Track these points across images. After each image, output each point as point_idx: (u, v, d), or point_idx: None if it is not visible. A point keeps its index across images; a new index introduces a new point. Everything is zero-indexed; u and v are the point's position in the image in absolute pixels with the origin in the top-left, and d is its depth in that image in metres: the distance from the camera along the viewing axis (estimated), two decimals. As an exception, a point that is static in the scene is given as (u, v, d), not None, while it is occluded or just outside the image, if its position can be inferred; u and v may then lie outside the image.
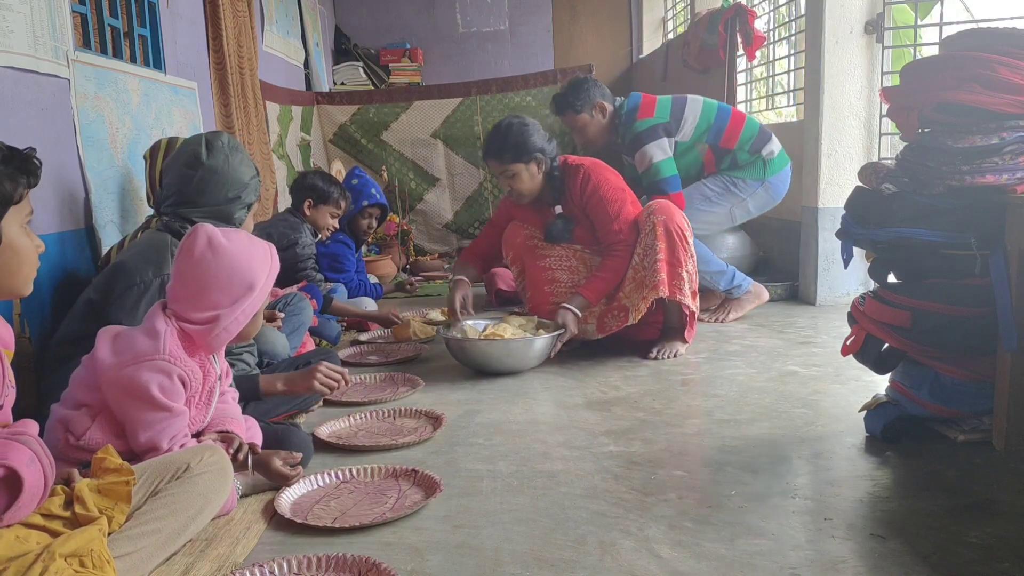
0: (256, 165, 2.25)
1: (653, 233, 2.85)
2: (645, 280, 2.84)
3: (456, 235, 5.95)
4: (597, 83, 3.65)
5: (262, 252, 1.73)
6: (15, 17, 2.06)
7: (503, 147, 2.91)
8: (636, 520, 1.62)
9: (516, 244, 3.09)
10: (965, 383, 1.94)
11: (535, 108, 5.86)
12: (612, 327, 2.91)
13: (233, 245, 1.68)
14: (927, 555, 1.44)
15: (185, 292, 1.66)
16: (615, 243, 2.93)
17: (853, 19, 3.59)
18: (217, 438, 1.71)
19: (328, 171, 5.56)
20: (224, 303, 1.66)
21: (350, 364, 2.97)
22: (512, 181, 2.95)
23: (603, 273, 2.91)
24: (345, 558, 1.45)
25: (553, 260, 3.03)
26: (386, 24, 6.96)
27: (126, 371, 1.58)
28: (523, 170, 2.92)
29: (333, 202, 3.51)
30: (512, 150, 2.90)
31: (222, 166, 2.10)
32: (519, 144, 2.90)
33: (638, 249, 2.89)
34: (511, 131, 2.92)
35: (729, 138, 3.51)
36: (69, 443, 1.59)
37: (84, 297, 2.00)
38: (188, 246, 1.67)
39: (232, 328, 1.67)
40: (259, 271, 1.70)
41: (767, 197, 3.58)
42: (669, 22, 6.57)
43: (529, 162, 2.92)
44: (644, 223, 2.90)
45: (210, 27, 3.57)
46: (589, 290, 2.89)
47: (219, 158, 2.10)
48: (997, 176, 1.81)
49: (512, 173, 2.93)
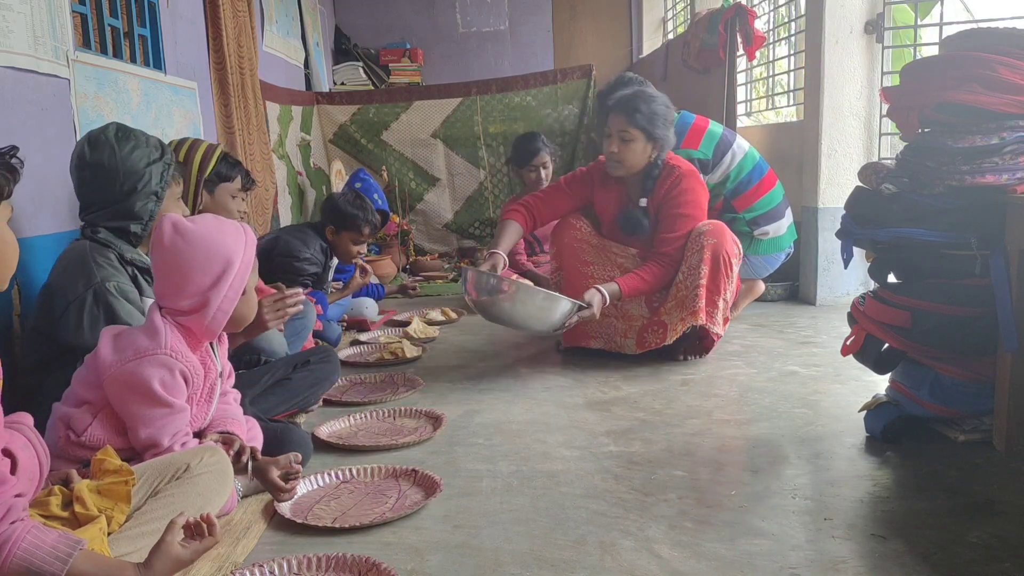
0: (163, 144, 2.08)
1: (700, 255, 2.75)
2: (686, 302, 2.76)
3: (456, 235, 5.95)
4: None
5: (232, 228, 1.71)
6: (15, 17, 2.06)
7: (637, 109, 2.76)
8: (636, 520, 1.62)
9: (564, 243, 2.96)
10: (965, 383, 1.94)
11: (535, 108, 5.87)
12: (651, 343, 2.83)
13: (200, 226, 1.67)
14: (927, 555, 1.44)
15: (167, 284, 1.66)
16: (665, 254, 2.83)
17: (853, 19, 3.59)
18: (218, 439, 1.71)
19: (328, 171, 5.58)
20: (206, 284, 1.64)
21: (350, 364, 2.97)
22: (625, 146, 2.78)
23: (643, 274, 2.81)
24: (345, 558, 1.45)
25: (595, 268, 2.92)
26: (386, 24, 6.95)
27: (128, 366, 1.58)
28: (641, 141, 2.78)
29: (356, 229, 3.30)
30: (647, 117, 2.76)
31: (108, 160, 1.97)
32: (654, 117, 2.77)
33: (683, 266, 2.81)
34: (655, 103, 2.79)
35: (745, 201, 3.42)
36: (70, 440, 1.60)
37: (30, 324, 1.95)
38: (157, 238, 1.66)
39: (225, 307, 1.66)
40: (233, 245, 1.68)
41: (743, 270, 3.42)
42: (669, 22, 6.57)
43: (650, 139, 2.78)
44: (693, 242, 2.80)
45: (210, 27, 3.57)
46: (624, 282, 2.77)
47: (103, 152, 1.98)
48: (997, 176, 1.81)
49: (631, 137, 2.77)
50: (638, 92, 2.85)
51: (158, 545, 1.29)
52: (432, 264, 5.27)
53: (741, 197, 3.43)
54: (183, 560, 1.31)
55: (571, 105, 5.92)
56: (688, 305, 2.75)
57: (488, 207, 5.90)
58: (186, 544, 1.31)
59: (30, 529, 1.19)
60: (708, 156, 3.40)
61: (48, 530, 1.22)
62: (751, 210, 3.44)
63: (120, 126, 2.04)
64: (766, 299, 3.75)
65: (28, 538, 1.17)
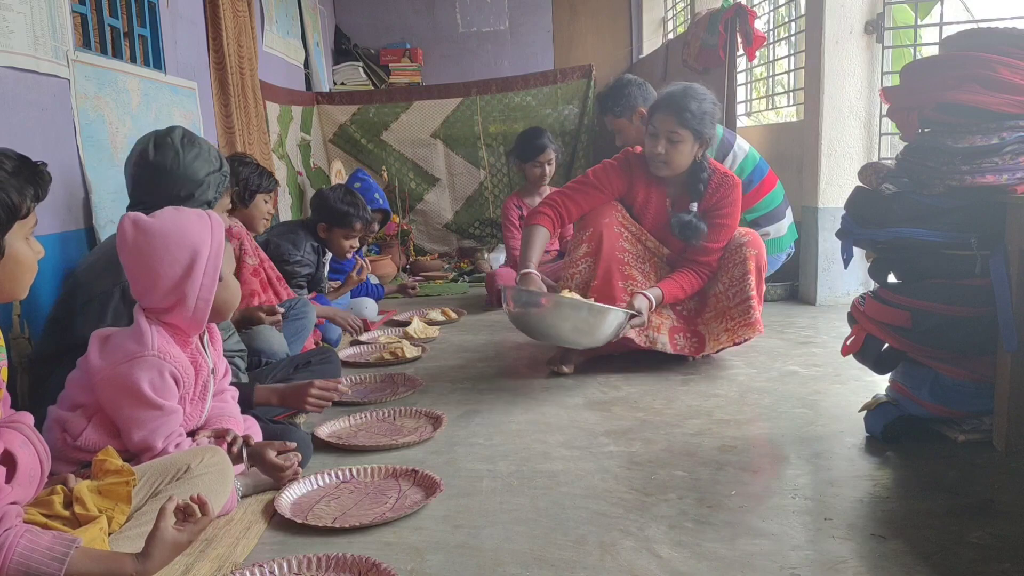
0: (222, 156, 2.15)
1: (744, 266, 2.71)
2: (730, 313, 2.72)
3: (456, 235, 5.95)
4: (643, 86, 3.51)
5: (195, 216, 1.70)
6: (15, 17, 2.06)
7: (687, 108, 2.62)
8: (636, 520, 1.62)
9: (603, 224, 2.73)
10: (965, 383, 1.94)
11: (535, 108, 5.87)
12: (684, 349, 2.75)
13: (159, 220, 1.65)
14: (928, 555, 1.44)
15: (141, 282, 1.65)
16: (703, 263, 2.77)
17: (853, 19, 3.59)
18: (212, 435, 1.71)
19: (328, 171, 5.58)
20: (177, 276, 1.63)
21: (350, 364, 2.97)
22: (672, 147, 2.65)
23: (682, 281, 2.73)
24: (345, 558, 1.45)
25: (631, 257, 2.77)
26: (386, 24, 6.95)
27: (117, 369, 1.58)
28: (690, 142, 2.65)
29: (348, 225, 3.34)
30: (697, 117, 2.63)
31: (171, 163, 2.02)
32: (704, 116, 2.64)
33: (723, 277, 2.77)
34: (705, 101, 2.65)
35: (746, 202, 3.36)
36: (67, 443, 1.60)
37: (50, 315, 1.96)
38: (121, 238, 1.65)
39: (205, 296, 1.65)
40: (198, 234, 1.66)
41: None
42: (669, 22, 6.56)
43: (698, 139, 2.66)
44: (734, 253, 2.75)
45: (210, 27, 3.57)
46: (667, 288, 2.70)
47: (167, 155, 2.03)
48: (997, 176, 1.81)
49: (680, 138, 2.63)
50: (687, 89, 2.68)
51: (153, 532, 1.29)
52: (432, 264, 5.27)
53: (743, 198, 3.41)
54: (180, 543, 1.31)
55: (571, 105, 5.92)
56: (737, 316, 2.71)
57: (488, 207, 5.90)
58: (181, 528, 1.31)
59: (23, 533, 1.19)
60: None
61: (42, 532, 1.22)
62: (753, 211, 3.43)
63: (186, 131, 2.09)
64: (766, 299, 3.73)
65: (22, 542, 1.17)
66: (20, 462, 1.26)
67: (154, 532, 1.29)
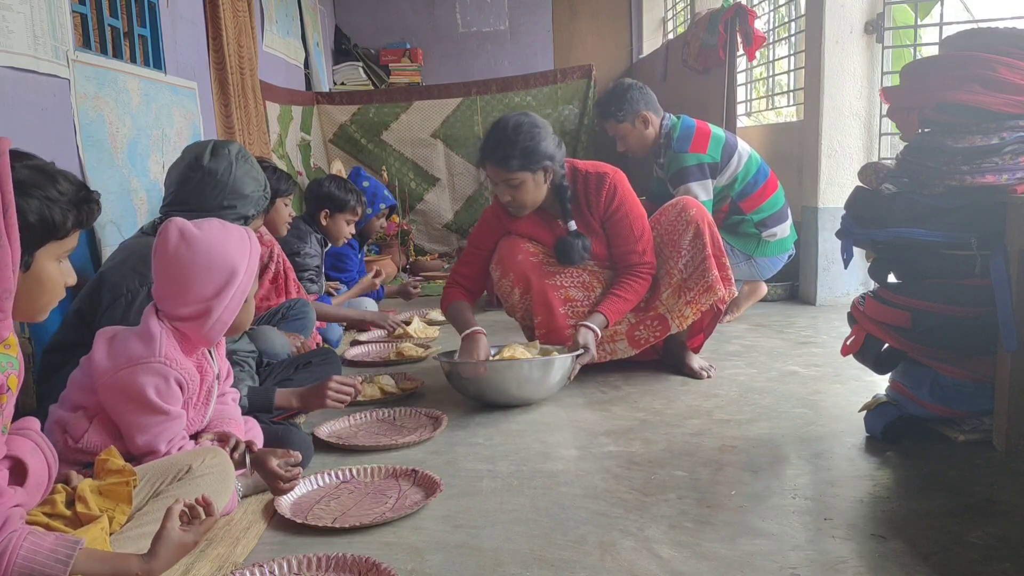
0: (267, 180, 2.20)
1: (690, 230, 2.57)
2: (687, 284, 2.57)
3: (456, 235, 5.96)
4: (643, 89, 3.47)
5: (238, 236, 1.70)
6: (15, 17, 2.06)
7: (509, 152, 2.43)
8: (636, 520, 1.62)
9: (517, 262, 2.62)
10: (965, 383, 1.94)
11: (535, 108, 5.87)
12: (647, 340, 2.62)
13: (206, 233, 1.65)
14: (928, 555, 1.44)
15: (169, 289, 1.64)
16: (639, 264, 2.60)
17: (853, 19, 3.59)
18: (214, 438, 1.70)
19: (328, 171, 5.58)
20: (209, 293, 1.63)
21: (350, 364, 2.97)
22: (516, 191, 2.49)
23: (624, 293, 2.57)
24: (345, 558, 1.45)
25: (564, 278, 2.63)
26: (386, 24, 6.95)
27: (122, 374, 1.57)
28: (530, 179, 2.47)
29: (350, 210, 3.45)
30: (520, 156, 2.44)
31: (223, 172, 2.07)
32: (528, 150, 2.44)
33: (673, 253, 2.60)
34: (519, 133, 2.45)
35: (752, 202, 3.42)
36: (68, 445, 1.59)
37: (74, 307, 1.98)
38: (162, 242, 1.64)
39: (225, 318, 1.65)
40: (238, 255, 1.66)
41: (749, 272, 3.50)
42: (669, 22, 6.56)
43: (537, 171, 2.47)
44: (676, 222, 2.61)
45: (210, 27, 3.57)
46: (608, 308, 2.53)
47: (222, 164, 2.08)
48: (997, 176, 1.81)
49: (517, 182, 2.47)
50: (501, 131, 2.48)
51: (159, 533, 1.29)
52: (432, 264, 5.27)
53: (748, 199, 3.43)
54: (187, 544, 1.31)
55: (571, 105, 5.93)
56: (694, 284, 2.56)
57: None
58: (187, 528, 1.32)
59: (26, 536, 1.18)
60: (717, 159, 3.39)
61: (45, 534, 1.21)
62: (759, 211, 3.44)
63: (242, 148, 2.17)
64: (766, 299, 3.75)
65: (26, 545, 1.17)
66: (31, 470, 1.25)
67: (160, 533, 1.29)
